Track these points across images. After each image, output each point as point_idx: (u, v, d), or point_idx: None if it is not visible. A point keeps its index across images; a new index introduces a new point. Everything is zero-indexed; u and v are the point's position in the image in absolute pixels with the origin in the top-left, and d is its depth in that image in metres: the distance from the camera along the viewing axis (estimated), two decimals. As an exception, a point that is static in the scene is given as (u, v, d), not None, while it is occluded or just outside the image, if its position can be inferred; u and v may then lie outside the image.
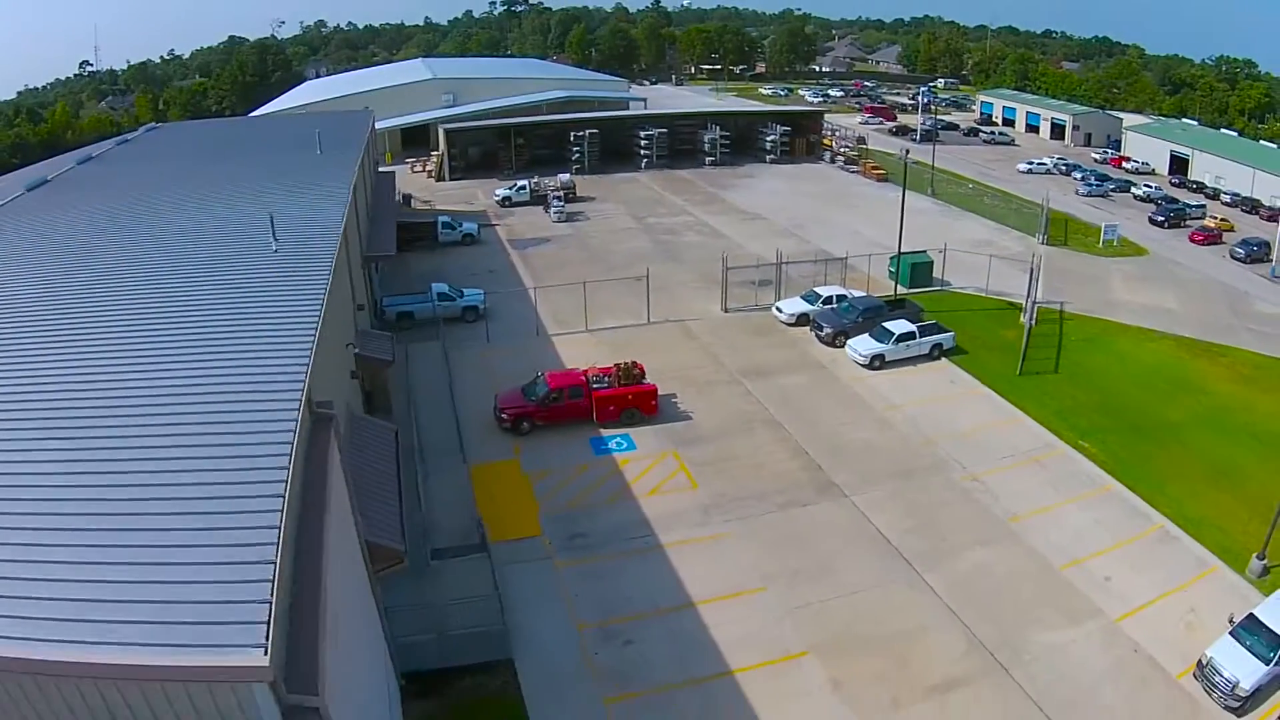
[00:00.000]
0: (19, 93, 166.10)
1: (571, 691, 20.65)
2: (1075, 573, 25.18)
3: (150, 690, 9.61)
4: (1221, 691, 20.71)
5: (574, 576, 24.33)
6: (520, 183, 65.69)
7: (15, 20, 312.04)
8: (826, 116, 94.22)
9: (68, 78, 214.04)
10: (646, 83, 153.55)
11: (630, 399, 32.00)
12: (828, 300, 42.44)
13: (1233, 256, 60.22)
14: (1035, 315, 42.13)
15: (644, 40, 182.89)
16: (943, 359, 39.22)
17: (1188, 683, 21.43)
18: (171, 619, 9.94)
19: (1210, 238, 63.99)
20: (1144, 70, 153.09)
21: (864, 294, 43.84)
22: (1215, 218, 69.05)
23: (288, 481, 12.59)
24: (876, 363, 37.97)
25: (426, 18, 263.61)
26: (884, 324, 39.29)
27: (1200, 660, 21.48)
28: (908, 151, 51.26)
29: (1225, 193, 79.97)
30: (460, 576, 22.83)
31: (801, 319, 42.17)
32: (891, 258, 48.17)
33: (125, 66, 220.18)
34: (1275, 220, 68.74)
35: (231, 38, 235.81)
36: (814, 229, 58.57)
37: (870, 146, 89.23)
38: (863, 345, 38.34)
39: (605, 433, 31.74)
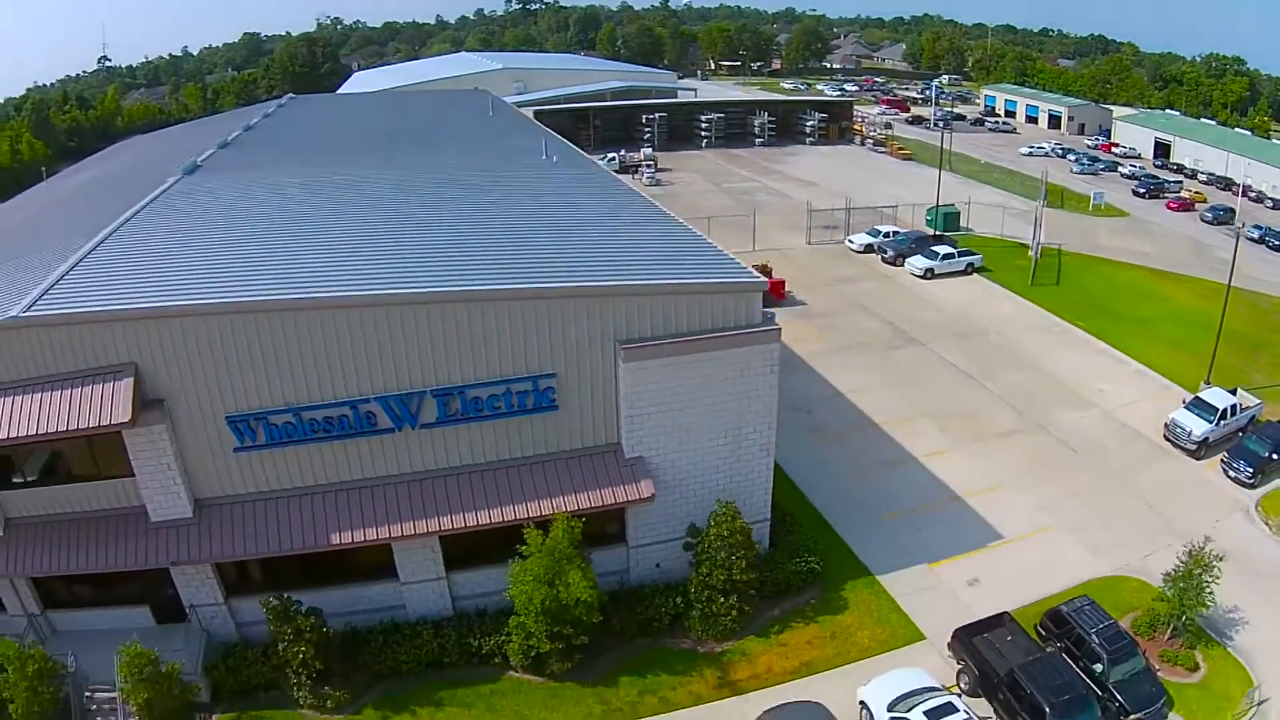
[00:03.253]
0: (28, 89, 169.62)
1: (783, 435, 33.07)
2: (1080, 386, 38.35)
3: (714, 300, 22.69)
4: (1183, 439, 33.35)
5: (756, 382, 36.92)
6: (611, 154, 78.19)
7: (12, 19, 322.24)
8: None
9: (79, 74, 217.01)
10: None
11: (767, 287, 44.67)
12: (887, 234, 55.46)
13: (1202, 219, 72.82)
14: (1040, 251, 54.93)
15: (668, 38, 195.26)
16: (974, 274, 52.37)
17: (1161, 443, 34.19)
18: (719, 272, 23.29)
19: (1184, 205, 76.46)
20: (1136, 67, 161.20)
21: (912, 229, 56.89)
22: (1190, 190, 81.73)
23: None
24: (928, 274, 51.08)
25: (438, 15, 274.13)
26: (932, 247, 52.39)
27: (1166, 423, 34.29)
28: (942, 124, 64.20)
29: (1202, 173, 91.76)
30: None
31: (867, 249, 55.32)
32: (929, 209, 61.26)
33: (141, 62, 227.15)
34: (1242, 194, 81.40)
35: (246, 34, 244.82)
36: (858, 192, 70.93)
37: (894, 132, 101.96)
38: (918, 261, 51.54)
39: (748, 311, 44.56)
